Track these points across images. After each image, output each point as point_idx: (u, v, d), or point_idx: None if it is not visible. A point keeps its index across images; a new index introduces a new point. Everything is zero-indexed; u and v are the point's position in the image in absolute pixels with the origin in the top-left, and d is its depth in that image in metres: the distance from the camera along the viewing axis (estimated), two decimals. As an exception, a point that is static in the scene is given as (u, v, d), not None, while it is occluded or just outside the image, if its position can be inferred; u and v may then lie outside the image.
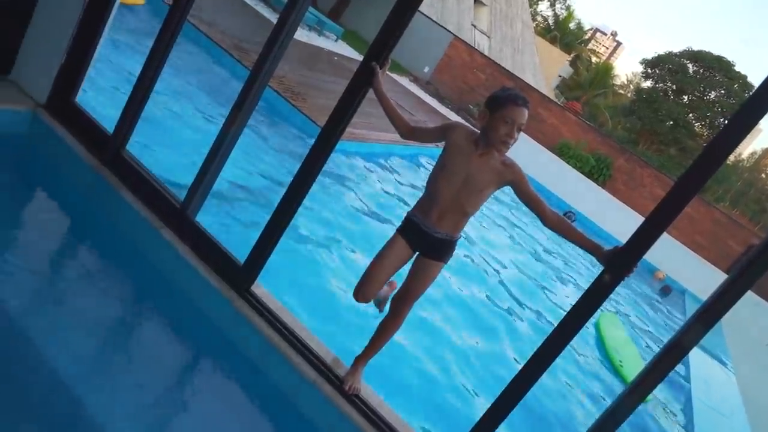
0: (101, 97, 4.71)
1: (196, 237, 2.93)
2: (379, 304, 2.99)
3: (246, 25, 10.25)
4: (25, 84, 3.31)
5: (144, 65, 2.96)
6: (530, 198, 2.40)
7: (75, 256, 2.92)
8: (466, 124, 2.60)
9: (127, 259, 2.98)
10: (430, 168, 2.56)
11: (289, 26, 2.65)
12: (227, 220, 4.37)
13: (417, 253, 2.61)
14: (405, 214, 2.64)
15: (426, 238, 2.52)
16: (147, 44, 2.98)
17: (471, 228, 7.94)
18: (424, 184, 2.57)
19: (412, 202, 2.66)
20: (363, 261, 4.53)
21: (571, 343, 2.23)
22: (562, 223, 2.34)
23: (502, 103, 2.33)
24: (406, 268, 2.68)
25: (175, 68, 6.39)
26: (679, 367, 7.55)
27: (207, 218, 3.08)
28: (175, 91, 6.01)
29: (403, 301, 2.65)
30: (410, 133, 2.64)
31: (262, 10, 12.00)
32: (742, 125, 1.87)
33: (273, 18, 11.50)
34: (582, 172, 15.52)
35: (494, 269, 7.26)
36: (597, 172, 16.74)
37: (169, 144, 4.95)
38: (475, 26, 25.35)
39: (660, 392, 6.46)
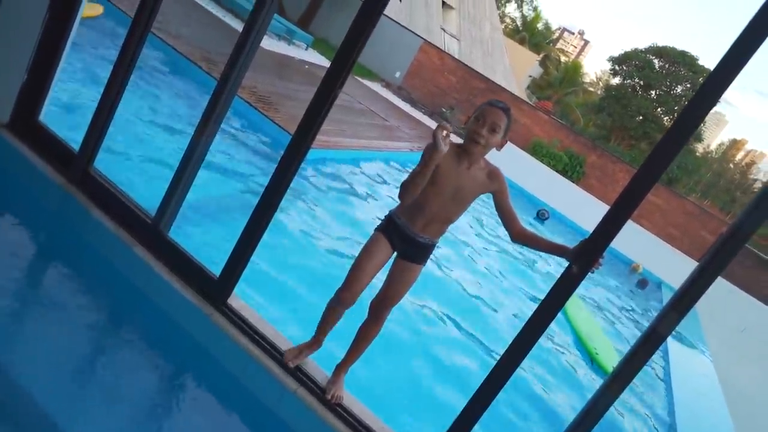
0: (68, 114, 4.63)
1: (170, 252, 2.89)
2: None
3: (214, 36, 10.19)
4: (-14, 104, 3.23)
5: (108, 80, 2.91)
6: (506, 211, 2.46)
7: (46, 277, 2.86)
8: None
9: (101, 278, 2.92)
10: (400, 169, 2.55)
11: (256, 32, 2.63)
12: (201, 234, 4.32)
13: (395, 255, 2.60)
14: (387, 213, 2.62)
15: (409, 242, 2.53)
16: (111, 57, 2.94)
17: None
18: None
19: (386, 203, 2.65)
20: (340, 265, 4.52)
21: (545, 334, 2.24)
22: (530, 237, 2.43)
23: (478, 107, 2.40)
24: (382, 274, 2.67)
25: (141, 82, 6.32)
26: (658, 358, 7.67)
27: (180, 232, 3.04)
28: (142, 104, 5.93)
29: (383, 305, 2.64)
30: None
31: (230, 21, 11.95)
32: (697, 111, 1.91)
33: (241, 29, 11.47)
34: (555, 170, 15.73)
35: (464, 261, 7.30)
36: (570, 169, 16.99)
37: (139, 159, 4.89)
38: (444, 30, 25.57)
39: (640, 381, 6.55)
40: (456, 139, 2.45)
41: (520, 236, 2.44)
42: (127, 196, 3.04)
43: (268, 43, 11.81)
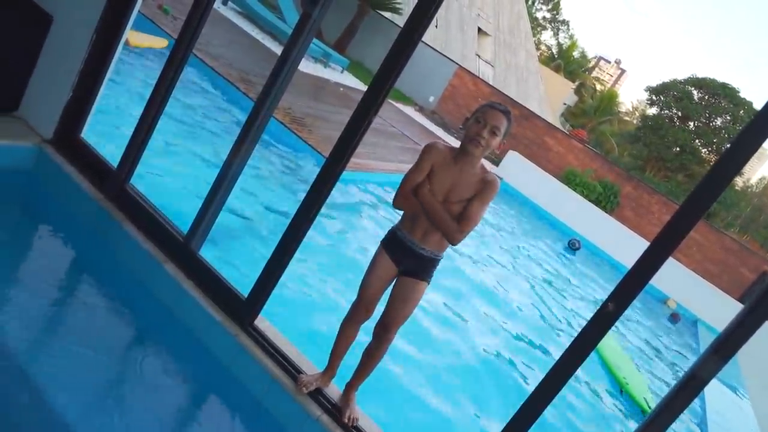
0: (109, 132, 4.75)
1: (200, 271, 2.91)
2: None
3: (253, 57, 10.41)
4: (32, 120, 3.33)
5: (149, 99, 2.98)
6: (468, 212, 2.33)
7: (79, 290, 2.90)
8: (442, 140, 2.57)
9: (132, 293, 2.95)
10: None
11: (294, 58, 2.66)
12: (231, 253, 4.35)
13: (399, 274, 2.53)
14: (391, 228, 2.58)
15: (410, 254, 2.47)
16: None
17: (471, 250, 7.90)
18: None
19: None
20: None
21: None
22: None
23: (477, 109, 2.37)
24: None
25: (181, 101, 6.46)
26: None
27: (211, 251, 3.06)
28: (180, 124, 6.06)
29: (388, 327, 2.56)
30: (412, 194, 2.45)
31: (269, 44, 12.21)
32: (745, 148, 1.85)
33: (279, 50, 11.69)
34: (589, 200, 15.47)
35: (495, 292, 7.18)
36: (604, 199, 16.69)
37: (174, 177, 4.97)
38: (479, 56, 25.66)
39: (675, 423, 6.29)
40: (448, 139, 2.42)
41: (454, 242, 2.37)
42: (161, 213, 3.08)
43: (304, 65, 12.01)
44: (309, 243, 4.91)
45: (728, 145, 1.85)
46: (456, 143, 2.62)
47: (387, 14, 18.94)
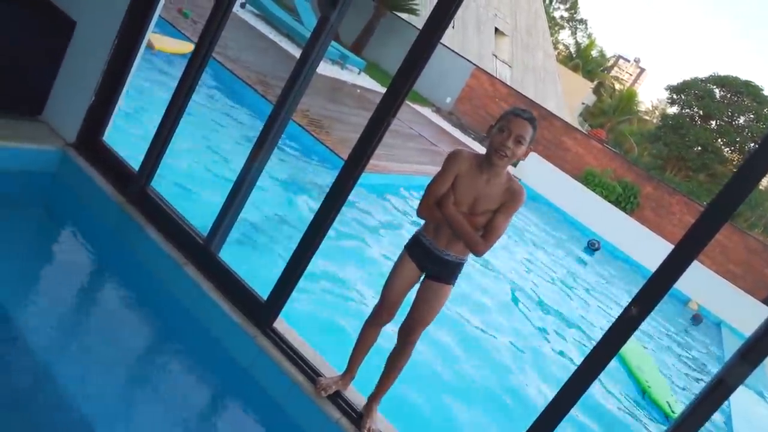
0: (131, 135, 4.80)
1: (220, 273, 2.92)
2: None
3: (271, 60, 10.47)
4: (55, 123, 3.39)
5: (169, 102, 3.00)
6: (494, 225, 2.33)
7: (101, 291, 2.94)
8: (467, 148, 2.55)
9: (152, 295, 2.98)
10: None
11: (312, 61, 2.66)
12: (250, 255, 4.37)
13: (423, 276, 2.53)
14: (414, 233, 2.58)
15: (434, 259, 2.46)
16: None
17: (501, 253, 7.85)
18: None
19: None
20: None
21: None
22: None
23: (501, 116, 2.33)
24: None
25: (199, 104, 6.51)
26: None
27: (229, 253, 3.07)
28: (199, 126, 6.10)
29: (412, 330, 2.56)
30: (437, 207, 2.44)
31: (287, 46, 12.27)
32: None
33: (296, 52, 11.75)
34: (609, 201, 15.29)
35: (517, 295, 7.12)
36: (624, 200, 16.48)
37: (193, 179, 5.01)
38: (496, 56, 25.53)
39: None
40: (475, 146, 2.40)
41: (479, 253, 2.38)
42: (181, 215, 3.10)
43: (321, 67, 12.04)
44: (327, 245, 4.92)
45: (755, 145, 1.81)
46: (472, 143, 2.61)
47: (404, 15, 18.92)
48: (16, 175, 3.13)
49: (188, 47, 7.73)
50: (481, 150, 2.46)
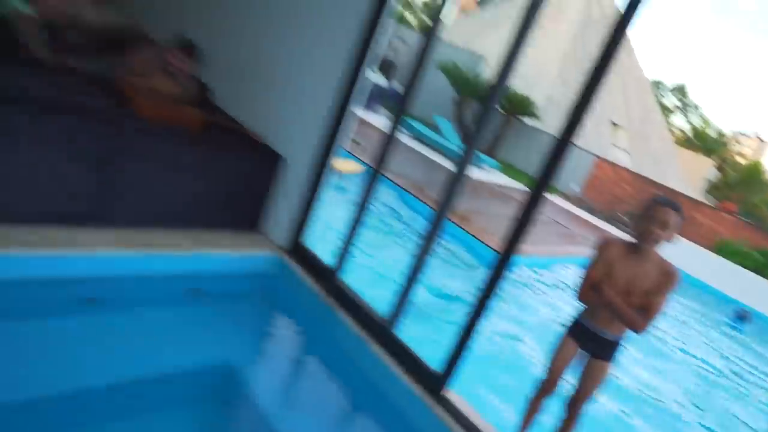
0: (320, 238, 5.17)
1: (398, 349, 2.91)
2: None
3: (425, 170, 10.91)
4: (269, 234, 3.73)
5: (355, 211, 3.20)
6: (653, 302, 2.13)
7: (308, 365, 3.05)
8: (614, 236, 2.39)
9: (343, 368, 3.03)
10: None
11: (464, 168, 2.71)
12: (419, 331, 4.32)
13: (587, 354, 2.41)
14: (575, 317, 2.46)
15: (595, 339, 2.33)
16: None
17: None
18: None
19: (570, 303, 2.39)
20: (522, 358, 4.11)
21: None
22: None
23: (645, 206, 2.21)
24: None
25: (373, 210, 6.86)
26: None
27: (405, 330, 3.06)
28: (373, 229, 6.41)
29: (578, 403, 2.46)
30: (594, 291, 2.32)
31: (437, 158, 12.76)
32: None
33: (440, 159, 12.16)
34: (747, 269, 13.04)
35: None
36: (765, 267, 13.95)
37: (371, 271, 5.20)
38: (614, 145, 24.16)
39: None
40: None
41: (641, 330, 2.17)
42: (365, 301, 3.19)
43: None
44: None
45: None
46: (599, 223, 2.50)
47: (527, 120, 18.85)
48: (242, 276, 3.41)
49: (360, 167, 8.32)
50: (608, 228, 2.31)
